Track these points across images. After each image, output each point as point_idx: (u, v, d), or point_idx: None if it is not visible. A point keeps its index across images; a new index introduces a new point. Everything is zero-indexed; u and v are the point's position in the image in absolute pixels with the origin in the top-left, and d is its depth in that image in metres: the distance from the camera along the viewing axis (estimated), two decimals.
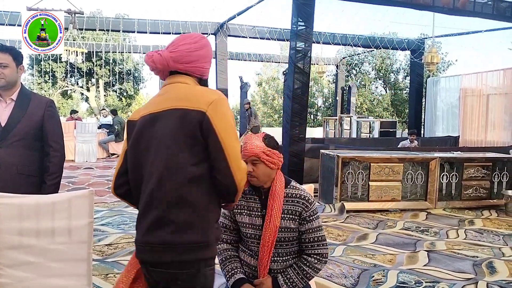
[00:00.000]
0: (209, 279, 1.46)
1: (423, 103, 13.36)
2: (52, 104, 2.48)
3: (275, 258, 1.87)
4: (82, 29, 11.65)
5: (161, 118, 1.43)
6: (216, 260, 1.94)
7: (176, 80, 1.51)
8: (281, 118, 18.28)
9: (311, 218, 1.86)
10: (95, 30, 12.06)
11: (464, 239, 4.55)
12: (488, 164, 6.24)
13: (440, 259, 3.84)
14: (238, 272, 1.89)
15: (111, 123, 11.14)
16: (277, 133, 5.16)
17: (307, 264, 1.86)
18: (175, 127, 1.39)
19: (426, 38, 13.12)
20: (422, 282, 3.28)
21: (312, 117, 24.92)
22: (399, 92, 23.53)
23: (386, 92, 24.22)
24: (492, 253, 4.06)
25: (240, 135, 15.19)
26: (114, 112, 11.64)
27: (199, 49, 1.51)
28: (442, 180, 6.01)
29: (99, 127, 11.13)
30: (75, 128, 10.24)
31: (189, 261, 1.39)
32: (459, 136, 11.57)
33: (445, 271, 3.53)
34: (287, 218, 1.84)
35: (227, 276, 1.89)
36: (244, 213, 1.91)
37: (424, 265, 3.67)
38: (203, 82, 1.56)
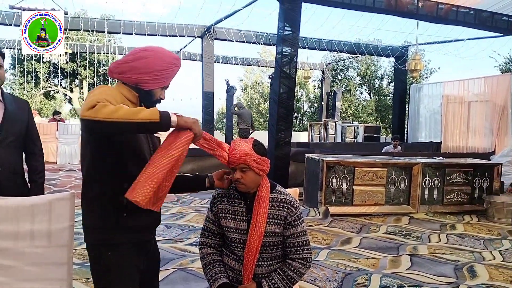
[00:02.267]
0: (112, 262, 1.62)
1: (407, 109, 13.56)
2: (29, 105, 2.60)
3: (260, 263, 1.86)
4: (66, 29, 11.47)
5: None
6: (200, 265, 1.92)
7: None
8: (267, 122, 18.33)
9: (296, 222, 1.86)
10: (79, 30, 11.91)
11: (446, 243, 4.61)
12: (469, 169, 6.36)
13: (422, 263, 3.88)
14: (222, 276, 1.87)
15: None
16: (262, 137, 5.16)
17: (292, 268, 1.85)
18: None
19: (410, 45, 13.33)
20: (405, 286, 3.31)
21: (297, 122, 25.05)
22: (383, 98, 23.85)
23: (371, 98, 24.52)
24: (473, 257, 4.13)
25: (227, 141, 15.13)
26: None
27: (132, 61, 1.60)
28: (425, 185, 6.09)
29: None
30: (57, 130, 10.06)
31: (89, 242, 1.67)
32: (441, 142, 11.77)
33: (427, 275, 3.57)
34: (272, 223, 1.84)
35: (211, 280, 1.87)
36: (229, 217, 1.89)
37: (406, 269, 3.71)
38: (142, 92, 1.63)
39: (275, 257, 1.89)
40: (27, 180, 2.54)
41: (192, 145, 1.57)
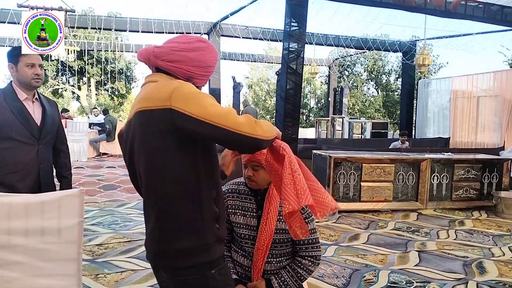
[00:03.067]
0: (218, 280, 1.39)
1: (414, 105, 13.46)
2: None
3: (269, 260, 1.87)
4: (73, 27, 11.54)
5: (134, 123, 1.38)
6: None
7: (150, 80, 1.43)
8: (273, 119, 18.28)
9: (306, 220, 1.86)
10: (87, 28, 11.96)
11: (455, 239, 4.58)
12: (478, 165, 6.30)
13: (430, 259, 3.86)
14: (232, 273, 1.88)
15: (102, 122, 11.05)
16: None
17: (301, 266, 1.86)
18: (145, 131, 1.34)
19: (418, 40, 13.22)
20: (413, 282, 3.29)
21: (304, 118, 24.99)
22: (390, 93, 23.68)
23: (378, 93, 24.36)
24: (482, 253, 4.10)
25: None
26: (105, 111, 11.55)
27: (188, 51, 1.40)
28: (433, 181, 6.05)
29: (90, 126, 11.03)
30: (65, 127, 10.14)
31: (186, 267, 1.36)
32: (449, 137, 11.67)
33: (436, 271, 3.56)
34: (282, 220, 1.83)
35: None
36: (238, 213, 1.89)
37: (415, 265, 3.69)
38: None
39: (285, 254, 1.90)
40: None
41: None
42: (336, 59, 19.07)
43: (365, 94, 24.42)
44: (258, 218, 1.85)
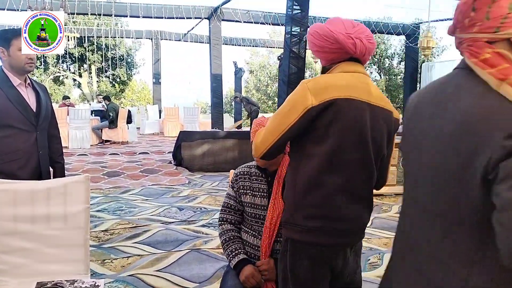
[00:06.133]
0: None
1: (418, 89, 13.37)
2: None
3: (278, 239, 1.88)
4: (73, 14, 11.44)
5: (374, 112, 1.50)
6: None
7: (364, 71, 1.55)
8: (275, 104, 18.16)
9: None
10: (86, 14, 11.86)
11: None
12: None
13: None
14: (241, 252, 1.90)
15: (104, 109, 10.99)
16: None
17: None
18: (383, 127, 1.54)
19: (421, 22, 13.05)
20: None
21: None
22: (393, 77, 23.53)
23: (381, 77, 24.20)
24: None
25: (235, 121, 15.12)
26: (107, 98, 11.47)
27: None
28: None
29: (92, 113, 10.98)
30: (67, 115, 10.12)
31: None
32: None
33: None
34: None
35: (230, 256, 1.91)
36: (249, 194, 1.92)
37: None
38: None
39: None
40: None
41: (205, 127, 1.56)
42: None
43: None
44: (269, 198, 1.87)
